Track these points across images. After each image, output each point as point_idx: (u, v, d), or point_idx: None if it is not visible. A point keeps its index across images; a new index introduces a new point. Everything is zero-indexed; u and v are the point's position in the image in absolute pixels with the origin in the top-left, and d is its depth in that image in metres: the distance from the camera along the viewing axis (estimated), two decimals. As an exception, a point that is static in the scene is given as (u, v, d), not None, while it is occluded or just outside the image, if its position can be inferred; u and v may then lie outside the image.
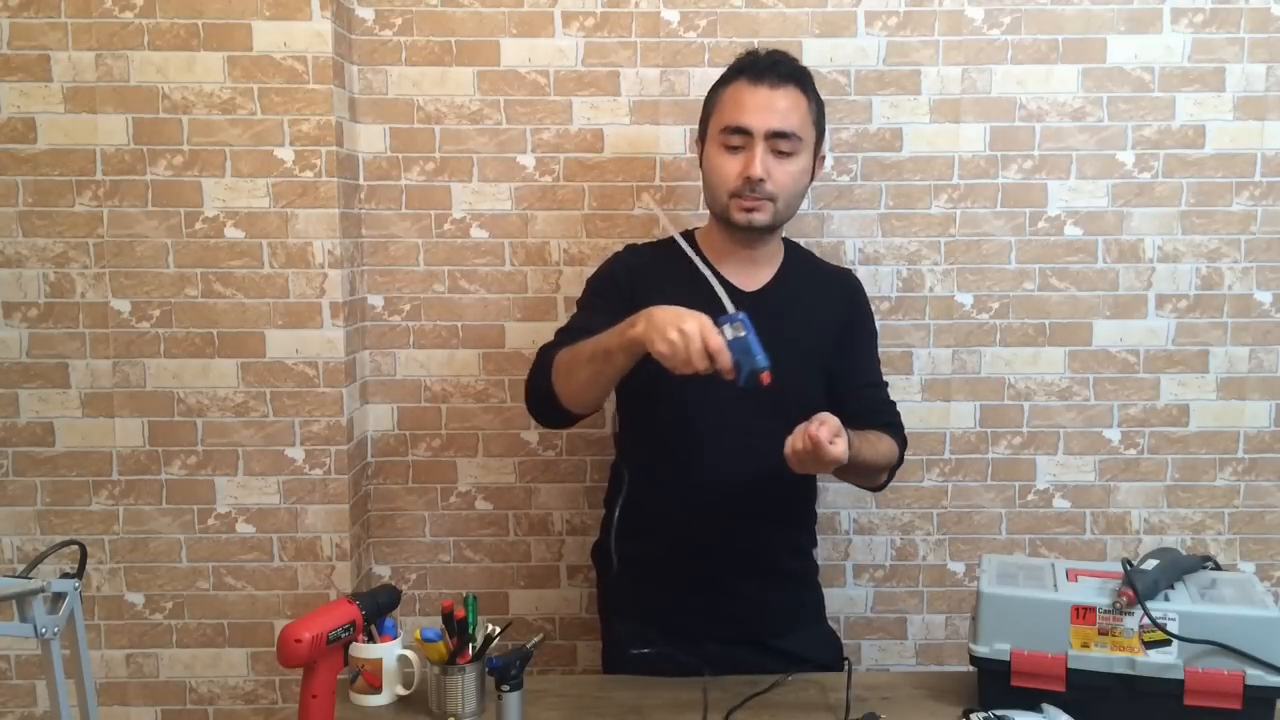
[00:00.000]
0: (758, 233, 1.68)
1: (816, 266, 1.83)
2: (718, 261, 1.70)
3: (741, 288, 1.70)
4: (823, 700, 1.51)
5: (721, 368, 1.38)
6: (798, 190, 1.68)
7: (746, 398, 1.52)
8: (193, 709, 2.07)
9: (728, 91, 1.67)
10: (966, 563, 2.19)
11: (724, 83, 1.69)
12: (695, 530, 1.67)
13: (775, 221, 1.67)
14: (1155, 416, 2.16)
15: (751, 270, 1.72)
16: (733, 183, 1.64)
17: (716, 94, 1.70)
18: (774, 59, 1.67)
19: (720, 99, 1.68)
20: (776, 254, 1.76)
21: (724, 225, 1.70)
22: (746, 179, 1.62)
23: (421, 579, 2.19)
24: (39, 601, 1.11)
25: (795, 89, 1.65)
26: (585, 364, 1.53)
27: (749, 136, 1.62)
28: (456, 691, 1.46)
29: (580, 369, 1.54)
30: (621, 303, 1.62)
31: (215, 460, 2.02)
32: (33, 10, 1.93)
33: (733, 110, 1.64)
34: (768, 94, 1.63)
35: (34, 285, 1.99)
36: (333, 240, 1.98)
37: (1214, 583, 1.46)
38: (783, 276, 1.74)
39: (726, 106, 1.66)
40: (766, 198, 1.63)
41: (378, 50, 2.08)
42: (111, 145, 1.96)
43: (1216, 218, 2.12)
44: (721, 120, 1.66)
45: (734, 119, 1.63)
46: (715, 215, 1.72)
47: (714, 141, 1.67)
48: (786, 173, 1.64)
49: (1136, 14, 2.08)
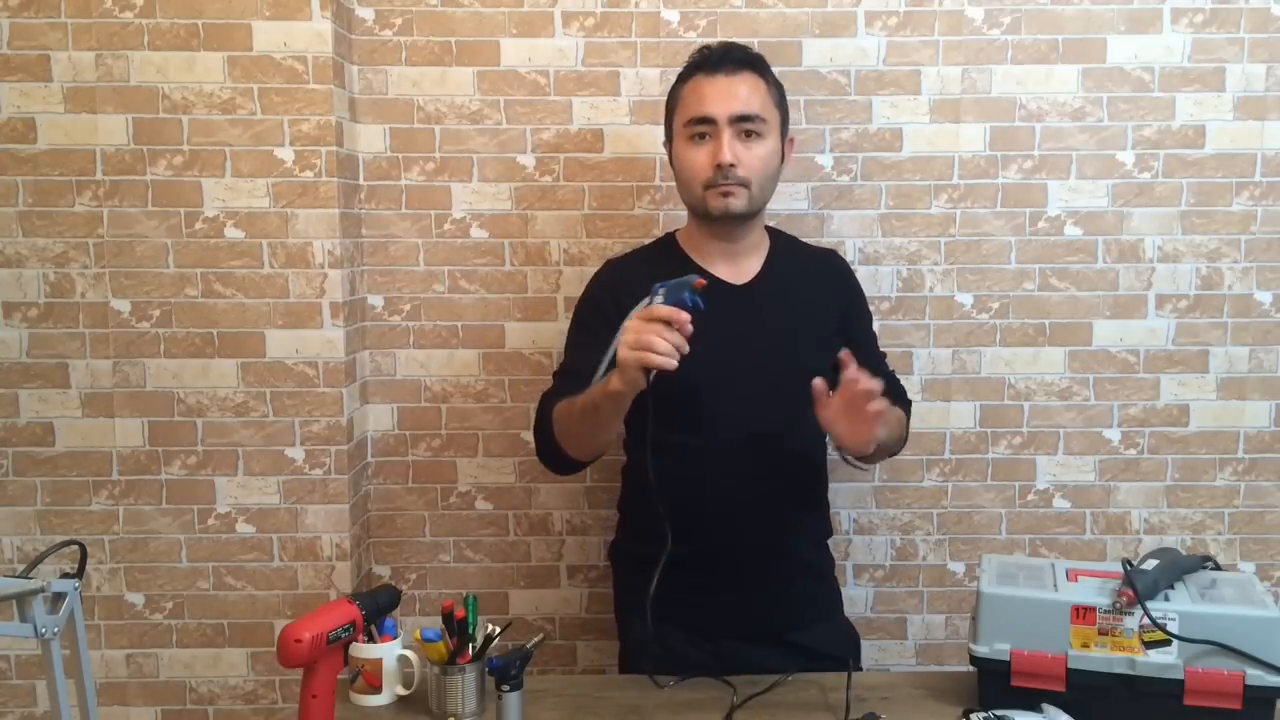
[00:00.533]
0: (736, 220, 1.69)
1: (801, 250, 1.85)
2: (703, 259, 1.73)
3: (731, 282, 1.71)
4: (823, 700, 1.51)
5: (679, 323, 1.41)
6: (769, 173, 1.69)
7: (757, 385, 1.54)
8: (193, 709, 2.07)
9: (687, 87, 1.69)
10: (966, 563, 2.19)
11: (682, 80, 1.72)
12: (713, 526, 1.67)
13: (751, 207, 1.68)
14: (1155, 416, 2.16)
15: (738, 263, 1.73)
16: (704, 173, 1.66)
17: (677, 92, 1.72)
18: (726, 49, 1.69)
19: (681, 95, 1.70)
20: (761, 244, 1.77)
21: (703, 220, 1.71)
22: (718, 166, 1.64)
23: (421, 579, 2.19)
24: (39, 601, 1.11)
25: (752, 73, 1.68)
26: (579, 422, 1.59)
27: (714, 125, 1.65)
28: (456, 691, 1.46)
29: (576, 426, 1.60)
30: (609, 329, 1.64)
31: (215, 460, 2.02)
32: (33, 10, 1.93)
33: (694, 102, 1.67)
34: (726, 81, 1.65)
35: (34, 285, 1.99)
36: (333, 240, 1.98)
37: (1214, 583, 1.46)
38: (770, 266, 1.75)
39: (688, 100, 1.68)
40: (739, 183, 1.65)
41: (378, 50, 2.08)
42: (111, 145, 1.96)
43: (1216, 218, 2.12)
44: (685, 114, 1.68)
45: (697, 110, 1.66)
46: (693, 210, 1.73)
47: (681, 137, 1.69)
48: (755, 156, 1.66)
49: (1136, 14, 2.08)
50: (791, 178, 2.11)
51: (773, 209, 2.11)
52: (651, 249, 1.82)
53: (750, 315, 1.69)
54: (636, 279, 1.72)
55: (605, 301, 1.71)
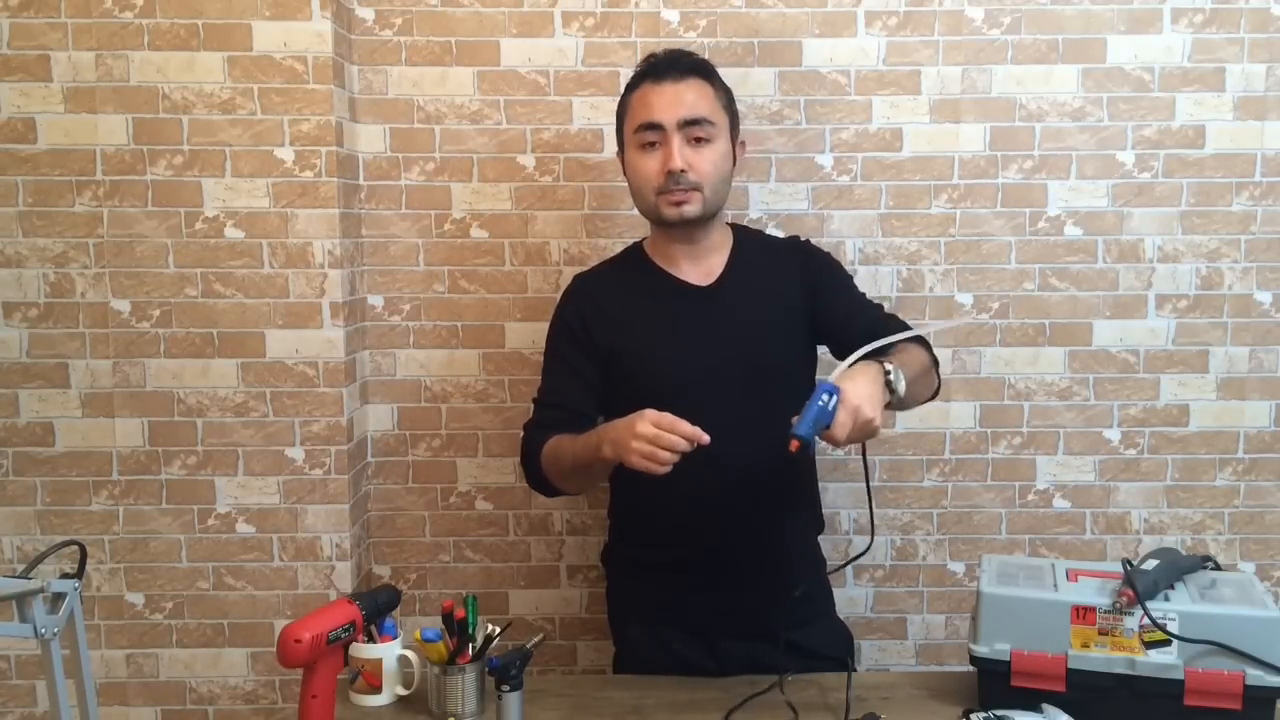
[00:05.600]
0: (693, 225, 1.69)
1: (766, 244, 1.85)
2: (667, 264, 1.75)
3: (697, 284, 1.73)
4: (823, 700, 1.51)
5: (702, 442, 1.41)
6: (722, 176, 1.70)
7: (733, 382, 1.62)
8: (193, 709, 2.07)
9: (635, 95, 1.71)
10: (966, 563, 2.19)
11: (630, 90, 1.73)
12: (703, 525, 1.68)
13: (706, 210, 1.69)
14: (1155, 416, 2.16)
15: (702, 264, 1.74)
16: (655, 179, 1.67)
17: (625, 102, 1.73)
18: (673, 57, 1.71)
19: (629, 104, 1.72)
20: (724, 243, 1.77)
21: (662, 226, 1.72)
22: (668, 173, 1.64)
23: (421, 579, 2.19)
24: (39, 601, 1.11)
25: (698, 79, 1.69)
26: (570, 473, 1.65)
27: (662, 131, 1.65)
28: (456, 691, 1.46)
29: (567, 475, 1.67)
30: (580, 350, 1.72)
31: (215, 460, 2.02)
32: (33, 10, 1.93)
33: (642, 110, 1.68)
34: (672, 88, 1.67)
35: (34, 285, 1.99)
36: (333, 240, 1.98)
37: (1214, 583, 1.46)
38: (734, 263, 1.76)
39: (636, 109, 1.69)
40: (692, 187, 1.65)
41: (378, 50, 2.08)
42: (111, 145, 1.96)
43: (1216, 218, 2.12)
44: (634, 121, 1.69)
45: (644, 117, 1.67)
46: (648, 217, 1.75)
47: (631, 145, 1.71)
48: (706, 159, 1.66)
49: (1136, 14, 2.08)
50: (791, 178, 2.11)
51: (773, 209, 2.12)
52: (619, 260, 1.84)
53: (720, 314, 1.71)
54: (605, 294, 1.75)
55: (575, 324, 1.74)
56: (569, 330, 1.74)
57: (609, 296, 1.75)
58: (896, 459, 2.17)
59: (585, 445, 1.56)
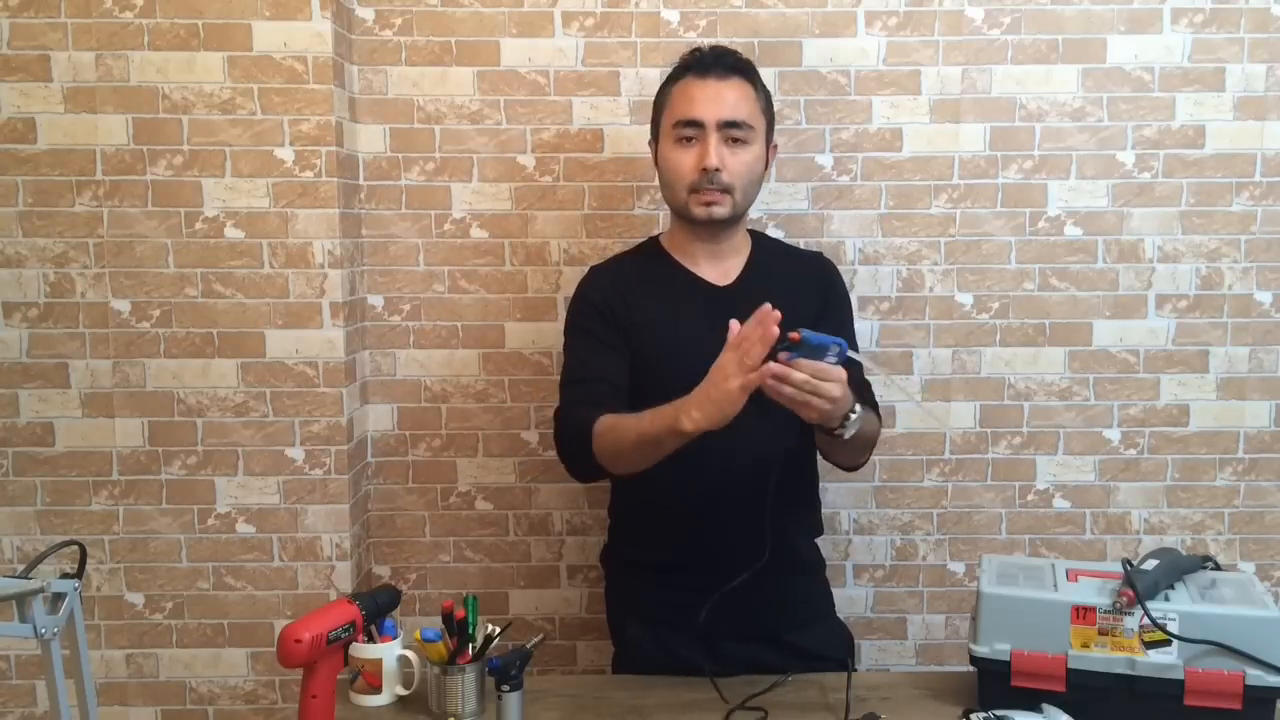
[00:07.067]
0: (719, 225, 1.69)
1: (787, 252, 1.85)
2: (686, 260, 1.74)
3: (714, 283, 1.72)
4: (823, 700, 1.51)
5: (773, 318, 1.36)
6: (753, 179, 1.69)
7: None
8: (193, 709, 2.07)
9: (677, 88, 1.69)
10: (966, 563, 2.19)
11: (672, 80, 1.71)
12: (704, 525, 1.67)
13: (734, 213, 1.68)
14: (1155, 416, 2.16)
15: (721, 264, 1.74)
16: (690, 176, 1.66)
17: (666, 92, 1.72)
18: (718, 53, 1.69)
19: (670, 96, 1.70)
20: (744, 245, 1.77)
21: (686, 222, 1.71)
22: (703, 170, 1.64)
23: (421, 579, 2.19)
24: (39, 601, 1.11)
25: (742, 80, 1.68)
26: (633, 449, 1.53)
27: (701, 129, 1.65)
28: (456, 691, 1.46)
29: (628, 452, 1.54)
30: (613, 326, 1.68)
31: (215, 460, 2.02)
32: (33, 10, 1.93)
33: (684, 104, 1.66)
34: (716, 86, 1.65)
35: (34, 285, 1.99)
36: (333, 240, 1.98)
37: (1214, 583, 1.46)
38: (753, 267, 1.75)
39: (677, 102, 1.68)
40: (723, 189, 1.65)
41: (378, 50, 2.08)
42: (111, 145, 1.96)
43: (1216, 218, 2.12)
44: (674, 115, 1.68)
45: (686, 112, 1.66)
46: (675, 212, 1.74)
47: (668, 138, 1.69)
48: (741, 162, 1.66)
49: (1136, 14, 2.08)
50: (791, 178, 2.11)
51: (773, 209, 2.12)
52: (635, 253, 1.83)
53: (734, 315, 1.70)
54: (624, 280, 1.73)
55: (600, 302, 1.71)
56: (594, 310, 1.71)
57: (628, 283, 1.73)
58: (896, 459, 2.17)
59: (657, 418, 1.47)
